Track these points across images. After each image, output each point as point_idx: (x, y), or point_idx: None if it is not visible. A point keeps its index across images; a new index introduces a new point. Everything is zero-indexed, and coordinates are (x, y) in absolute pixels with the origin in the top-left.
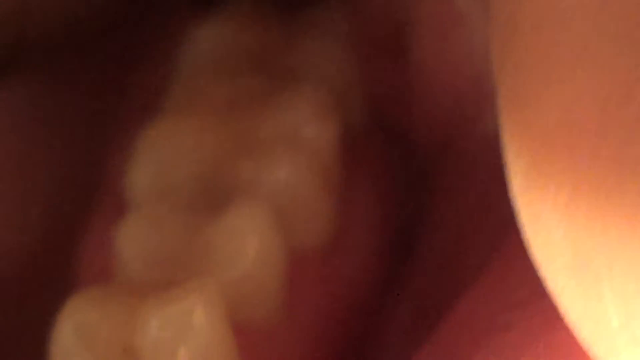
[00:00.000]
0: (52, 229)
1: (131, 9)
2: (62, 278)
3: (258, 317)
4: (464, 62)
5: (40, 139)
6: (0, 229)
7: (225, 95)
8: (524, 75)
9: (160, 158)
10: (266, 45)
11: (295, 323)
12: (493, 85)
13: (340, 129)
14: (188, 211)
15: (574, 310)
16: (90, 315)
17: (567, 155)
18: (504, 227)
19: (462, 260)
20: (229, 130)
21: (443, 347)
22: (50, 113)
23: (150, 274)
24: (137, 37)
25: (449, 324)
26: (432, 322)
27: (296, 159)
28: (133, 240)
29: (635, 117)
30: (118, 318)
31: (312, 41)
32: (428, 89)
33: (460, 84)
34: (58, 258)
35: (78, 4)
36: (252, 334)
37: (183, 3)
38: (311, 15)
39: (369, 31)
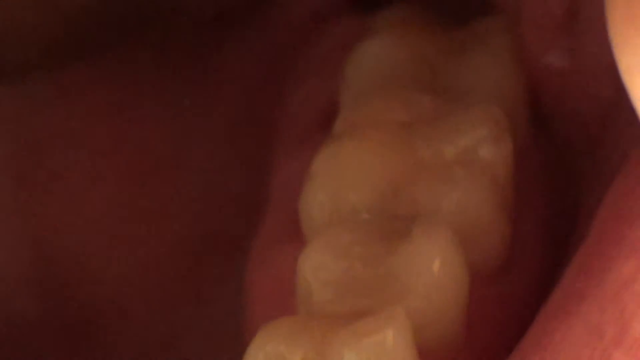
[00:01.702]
0: (204, 245)
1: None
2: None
3: (442, 342)
4: None
5: (189, 146)
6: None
7: (399, 115)
8: None
9: (338, 182)
10: (432, 61)
11: (476, 344)
12: None
13: (513, 147)
14: (369, 237)
15: None
16: (281, 347)
17: None
18: None
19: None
20: (406, 152)
21: None
22: (201, 119)
23: (337, 304)
24: (296, 42)
25: None
26: None
27: (475, 180)
28: (317, 268)
29: None
30: (310, 351)
31: (479, 56)
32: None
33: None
34: (210, 278)
35: None
36: (433, 358)
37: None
38: (475, 27)
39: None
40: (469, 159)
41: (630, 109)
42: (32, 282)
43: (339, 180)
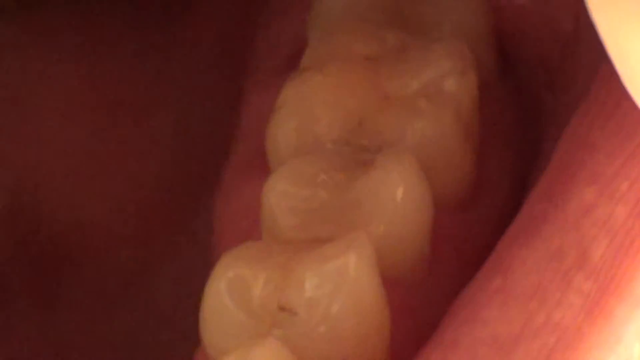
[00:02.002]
0: (177, 182)
1: None
2: (185, 232)
3: (405, 268)
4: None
5: (163, 85)
6: (119, 180)
7: (365, 50)
8: None
9: (304, 114)
10: None
11: (441, 272)
12: None
13: (478, 80)
14: (334, 166)
15: None
16: (244, 271)
17: None
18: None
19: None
20: (372, 85)
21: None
22: (175, 60)
23: (301, 230)
24: None
25: None
26: None
27: (439, 112)
28: (282, 196)
29: None
30: (273, 275)
31: None
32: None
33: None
34: (183, 213)
35: None
36: (399, 286)
37: None
38: None
39: None
40: (434, 92)
41: (589, 42)
42: (5, 218)
43: (305, 112)
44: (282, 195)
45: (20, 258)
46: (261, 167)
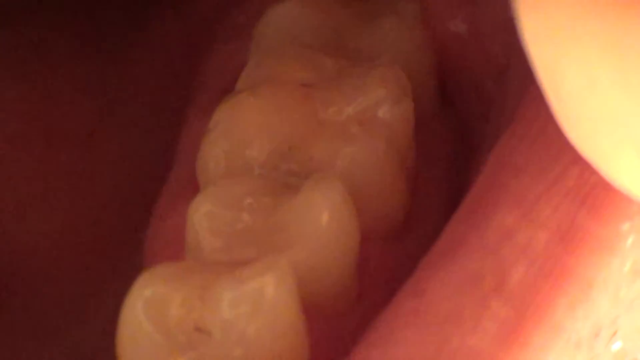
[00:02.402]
0: (120, 210)
1: None
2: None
3: (328, 296)
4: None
5: (107, 112)
6: (61, 210)
7: (302, 75)
8: None
9: (234, 136)
10: (342, 25)
11: (368, 303)
12: None
13: (413, 109)
14: (261, 190)
15: None
16: (161, 291)
17: None
18: None
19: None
20: (306, 110)
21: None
22: (120, 88)
23: (224, 252)
24: (211, 12)
25: None
26: None
27: (371, 138)
28: (206, 217)
29: None
30: (191, 295)
31: (387, 21)
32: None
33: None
34: (125, 242)
35: None
36: (321, 313)
37: None
38: None
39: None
40: (368, 119)
41: (517, 69)
42: None
43: (235, 135)
44: (206, 216)
45: None
46: (194, 190)
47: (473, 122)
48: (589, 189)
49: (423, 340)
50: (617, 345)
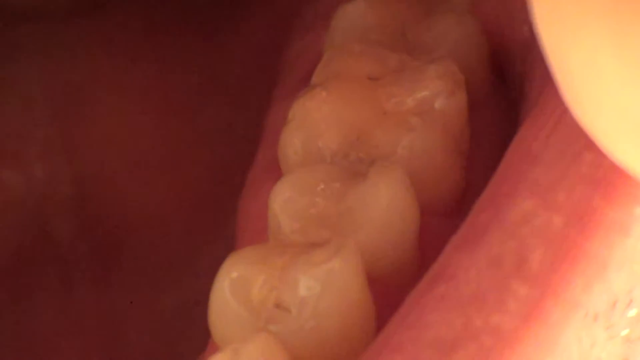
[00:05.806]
0: (223, 177)
1: None
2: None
3: (392, 270)
4: None
5: (208, 88)
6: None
7: (368, 69)
8: None
9: (309, 128)
10: (403, 22)
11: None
12: None
13: (467, 99)
14: (333, 177)
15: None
16: (246, 272)
17: None
18: None
19: None
20: (371, 103)
21: None
22: (217, 67)
23: (301, 234)
24: (299, 3)
25: None
26: None
27: (429, 127)
28: (286, 203)
29: None
30: (271, 276)
31: (441, 17)
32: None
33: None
34: (226, 207)
35: None
36: (385, 286)
37: None
38: None
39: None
40: (426, 109)
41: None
42: (71, 204)
43: (309, 127)
44: (285, 202)
45: (82, 243)
46: (277, 172)
47: (525, 106)
48: (602, 174)
49: (449, 321)
50: (632, 312)
